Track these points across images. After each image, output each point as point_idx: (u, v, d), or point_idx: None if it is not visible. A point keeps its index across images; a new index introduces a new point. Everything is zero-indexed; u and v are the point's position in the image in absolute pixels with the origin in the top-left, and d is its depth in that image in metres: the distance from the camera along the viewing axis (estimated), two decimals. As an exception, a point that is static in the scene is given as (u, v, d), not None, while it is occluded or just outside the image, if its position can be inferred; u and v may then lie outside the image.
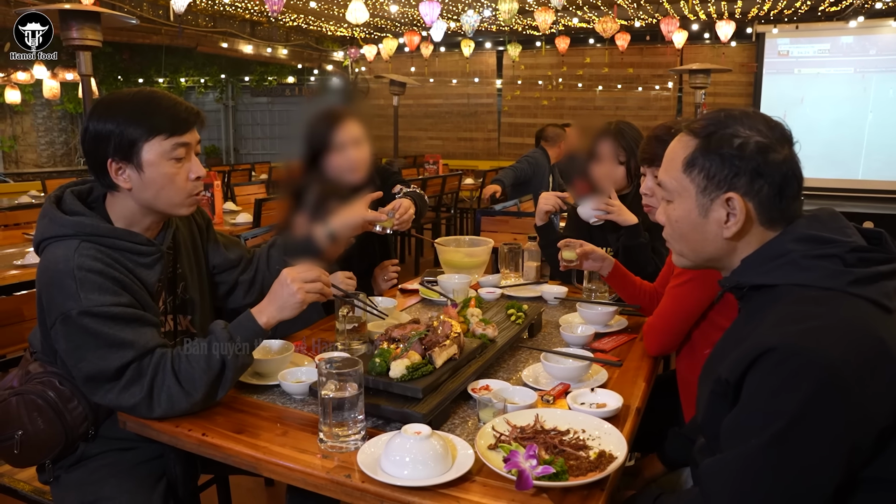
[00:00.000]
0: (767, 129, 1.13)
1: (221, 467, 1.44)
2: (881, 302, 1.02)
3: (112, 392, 1.36)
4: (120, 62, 12.64)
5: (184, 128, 1.46)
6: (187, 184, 1.50)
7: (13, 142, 11.96)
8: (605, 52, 11.00)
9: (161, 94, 1.48)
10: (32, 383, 1.50)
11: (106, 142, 1.42)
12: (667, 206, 1.24)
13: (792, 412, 0.93)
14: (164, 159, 1.45)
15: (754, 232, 1.15)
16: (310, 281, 1.46)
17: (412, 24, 10.42)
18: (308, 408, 1.44)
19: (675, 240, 1.25)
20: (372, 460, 1.17)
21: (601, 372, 1.62)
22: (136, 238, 1.48)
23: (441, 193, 6.87)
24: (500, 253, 2.58)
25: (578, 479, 1.11)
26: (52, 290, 1.36)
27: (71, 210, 1.45)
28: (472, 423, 1.37)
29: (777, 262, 1.10)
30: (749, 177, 1.11)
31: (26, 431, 1.47)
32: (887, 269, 1.06)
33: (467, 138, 12.48)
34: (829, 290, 1.03)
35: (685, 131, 1.19)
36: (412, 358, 1.42)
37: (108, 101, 1.48)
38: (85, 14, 3.77)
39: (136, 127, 1.41)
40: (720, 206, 1.14)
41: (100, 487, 1.50)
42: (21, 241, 3.72)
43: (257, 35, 11.13)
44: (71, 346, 1.36)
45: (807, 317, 0.99)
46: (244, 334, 1.42)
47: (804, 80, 10.02)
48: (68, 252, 1.37)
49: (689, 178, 1.16)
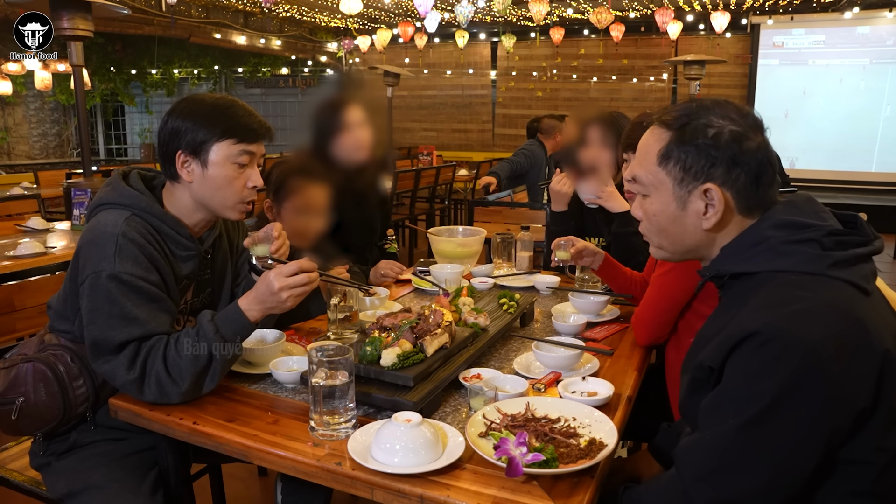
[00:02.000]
0: (740, 118, 1.13)
1: (214, 457, 1.44)
2: (860, 284, 1.03)
3: (108, 364, 1.38)
4: (112, 53, 12.58)
5: (253, 137, 1.55)
6: (243, 190, 1.56)
7: (5, 133, 11.89)
8: (599, 43, 10.99)
9: (241, 104, 1.58)
10: (46, 353, 1.54)
11: (181, 135, 1.50)
12: (643, 201, 1.22)
13: (773, 394, 0.94)
14: (228, 162, 1.52)
15: (733, 221, 1.14)
16: (299, 285, 1.42)
17: (406, 15, 10.38)
18: (299, 396, 1.45)
19: (654, 234, 1.24)
20: (363, 448, 1.18)
21: (593, 361, 1.62)
22: (181, 230, 1.54)
23: (435, 184, 6.86)
24: (493, 243, 2.58)
25: (568, 466, 1.11)
26: (92, 249, 1.42)
27: (134, 186, 1.54)
28: (463, 412, 1.37)
29: (756, 249, 1.10)
30: (726, 166, 1.11)
31: (28, 400, 1.51)
32: (864, 252, 1.07)
33: (461, 129, 12.47)
34: (810, 274, 1.03)
35: (657, 123, 1.18)
36: (403, 346, 1.42)
37: (191, 99, 1.56)
38: (76, 4, 3.75)
39: (212, 127, 1.50)
40: (698, 197, 1.13)
41: (89, 476, 1.52)
42: (13, 233, 3.70)
43: (251, 26, 11.08)
44: (89, 306, 1.41)
45: (788, 300, 1.00)
46: (232, 328, 1.41)
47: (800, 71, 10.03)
48: (118, 219, 1.45)
49: (664, 170, 1.16)
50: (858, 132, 9.63)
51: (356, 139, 2.43)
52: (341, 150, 2.42)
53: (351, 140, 2.42)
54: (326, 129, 2.42)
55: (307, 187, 2.09)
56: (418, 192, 6.58)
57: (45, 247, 3.11)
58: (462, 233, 2.68)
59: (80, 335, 1.49)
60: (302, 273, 1.42)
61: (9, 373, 1.54)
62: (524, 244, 2.55)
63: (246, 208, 1.60)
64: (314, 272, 1.45)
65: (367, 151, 2.45)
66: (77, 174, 6.17)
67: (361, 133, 2.43)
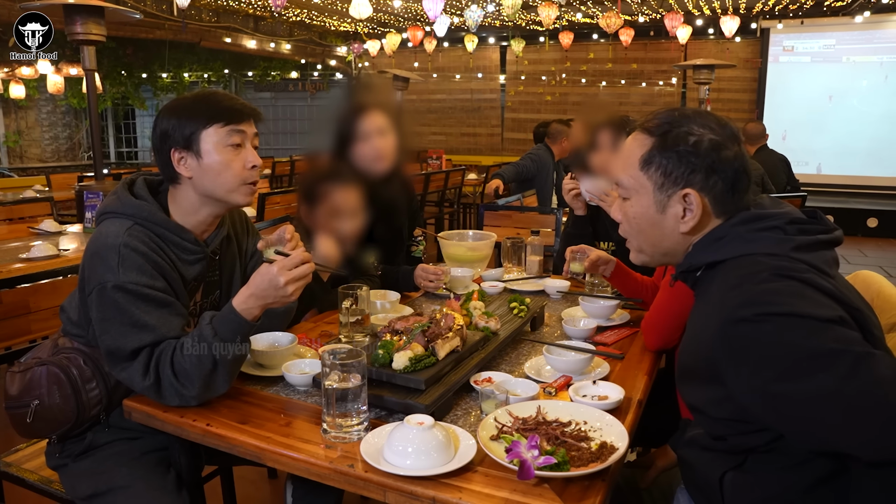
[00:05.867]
0: (719, 128, 1.19)
1: (225, 458, 1.45)
2: (821, 268, 1.08)
3: (125, 371, 1.40)
4: (123, 57, 12.67)
5: (238, 117, 1.56)
6: (243, 171, 1.57)
7: (17, 136, 11.99)
8: (608, 47, 10.99)
9: (221, 92, 1.61)
10: (59, 356, 1.56)
11: (170, 134, 1.52)
12: (623, 204, 1.28)
13: (812, 327, 0.97)
14: (221, 146, 1.53)
15: (709, 225, 1.20)
16: (303, 277, 1.43)
17: (416, 19, 10.41)
18: (311, 399, 1.45)
19: (633, 236, 1.30)
20: (375, 450, 1.18)
21: (603, 365, 1.62)
22: (185, 235, 1.55)
23: (444, 188, 6.87)
24: (503, 247, 2.58)
25: (580, 469, 1.11)
26: (96, 260, 1.44)
27: (138, 195, 1.55)
28: (474, 415, 1.38)
29: (724, 240, 1.16)
30: (704, 173, 1.17)
31: (43, 402, 1.52)
32: (826, 238, 1.14)
33: (471, 133, 12.48)
34: (774, 255, 1.09)
35: (640, 130, 1.24)
36: (415, 350, 1.43)
37: (174, 100, 1.60)
38: (89, 9, 3.78)
39: (197, 117, 1.52)
40: (677, 201, 1.19)
41: (112, 476, 1.53)
42: (26, 235, 3.73)
43: (261, 30, 11.14)
44: (100, 317, 1.42)
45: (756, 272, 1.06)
46: (229, 328, 1.40)
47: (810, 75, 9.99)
48: (120, 229, 1.46)
49: (646, 175, 1.21)
50: (871, 135, 9.57)
51: (383, 146, 2.31)
52: (360, 161, 2.31)
53: (369, 150, 2.30)
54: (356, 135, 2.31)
55: (339, 191, 2.09)
56: (427, 196, 6.58)
57: (58, 249, 3.14)
58: (472, 237, 2.69)
59: (93, 339, 1.50)
60: (306, 264, 1.43)
61: (24, 376, 1.55)
62: (534, 248, 2.55)
63: (251, 189, 1.60)
64: (311, 262, 1.46)
65: (388, 162, 2.34)
66: (88, 177, 6.21)
67: (380, 142, 2.32)
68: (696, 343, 1.14)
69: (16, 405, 1.55)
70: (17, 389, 1.55)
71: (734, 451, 1.14)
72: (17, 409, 1.55)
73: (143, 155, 14.80)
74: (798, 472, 1.07)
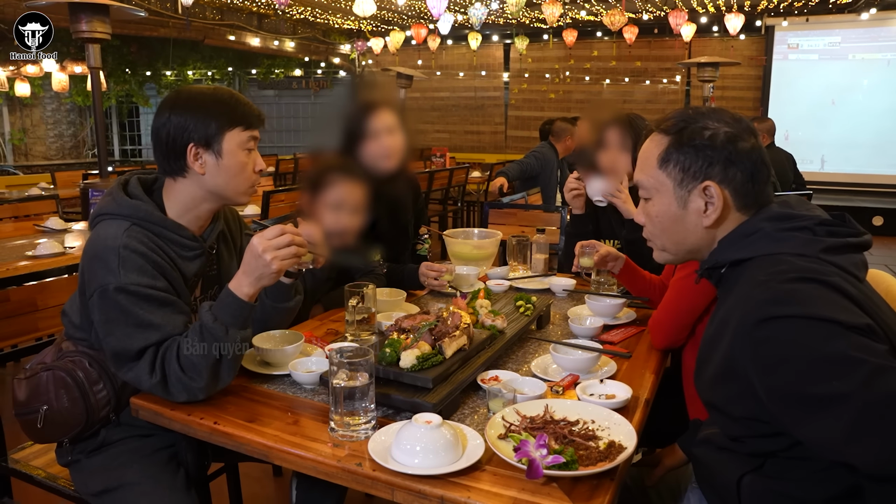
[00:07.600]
0: (733, 122, 1.20)
1: (231, 456, 1.45)
2: (851, 270, 1.08)
3: (132, 371, 1.40)
4: (127, 55, 12.68)
5: (256, 123, 1.60)
6: (252, 175, 1.60)
7: (23, 134, 12.02)
8: (612, 45, 10.96)
9: (236, 93, 1.62)
10: (64, 361, 1.56)
11: (189, 129, 1.52)
12: (645, 204, 1.29)
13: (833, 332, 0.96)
14: (240, 149, 1.56)
15: (731, 218, 1.20)
16: (282, 247, 1.43)
17: (419, 17, 10.39)
18: (318, 397, 1.45)
19: (657, 235, 1.29)
20: (383, 449, 1.18)
21: (610, 363, 1.62)
22: (183, 232, 1.56)
23: (448, 186, 6.86)
24: (509, 245, 2.58)
25: (588, 468, 1.11)
26: (96, 263, 1.43)
27: (133, 194, 1.55)
28: (481, 414, 1.38)
29: (752, 237, 1.15)
30: (722, 165, 1.17)
31: (51, 407, 1.52)
32: (855, 241, 1.13)
33: (474, 131, 12.47)
34: (803, 255, 1.08)
35: (656, 131, 1.25)
36: (422, 348, 1.42)
37: (188, 93, 1.58)
38: (94, 7, 3.78)
39: (220, 117, 1.53)
40: (698, 195, 1.20)
41: (123, 473, 1.54)
42: (32, 233, 3.75)
43: (264, 28, 11.13)
44: (103, 320, 1.42)
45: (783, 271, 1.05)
46: (229, 311, 1.41)
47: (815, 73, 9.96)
48: (118, 231, 1.45)
49: (665, 173, 1.22)
50: (876, 132, 9.54)
51: (392, 144, 2.31)
52: (368, 159, 2.30)
53: (377, 147, 2.30)
54: (364, 132, 2.30)
55: (344, 184, 2.08)
56: (431, 194, 6.58)
57: (64, 246, 3.15)
58: (477, 235, 2.68)
59: (96, 342, 1.51)
60: (284, 235, 1.43)
61: (30, 382, 1.55)
62: (540, 246, 2.55)
63: (254, 191, 1.65)
64: (299, 236, 1.46)
65: (396, 160, 2.33)
66: (93, 175, 6.21)
67: (389, 140, 2.32)
68: (718, 339, 1.13)
69: (25, 412, 1.55)
70: (24, 396, 1.56)
71: (753, 454, 1.14)
72: (27, 416, 1.55)
73: (146, 152, 14.82)
74: (822, 482, 1.05)
